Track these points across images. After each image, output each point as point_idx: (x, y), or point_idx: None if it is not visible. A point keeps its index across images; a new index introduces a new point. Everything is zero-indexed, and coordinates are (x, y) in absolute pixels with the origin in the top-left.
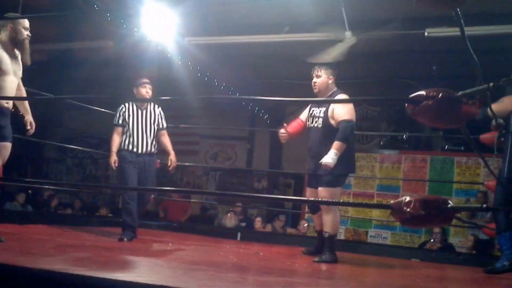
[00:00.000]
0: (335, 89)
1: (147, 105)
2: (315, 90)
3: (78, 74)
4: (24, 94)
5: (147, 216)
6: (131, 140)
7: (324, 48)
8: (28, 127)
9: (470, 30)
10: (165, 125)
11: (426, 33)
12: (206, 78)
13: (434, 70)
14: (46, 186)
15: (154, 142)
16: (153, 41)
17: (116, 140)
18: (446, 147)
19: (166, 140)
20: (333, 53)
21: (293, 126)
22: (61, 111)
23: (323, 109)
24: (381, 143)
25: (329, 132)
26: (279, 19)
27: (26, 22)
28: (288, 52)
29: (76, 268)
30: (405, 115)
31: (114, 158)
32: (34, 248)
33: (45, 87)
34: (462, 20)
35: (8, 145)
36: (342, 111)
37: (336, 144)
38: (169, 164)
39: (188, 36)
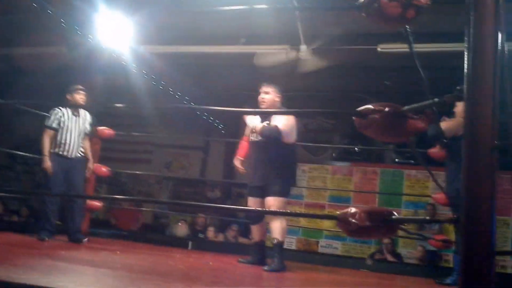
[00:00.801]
0: (280, 106)
1: (80, 112)
2: (263, 106)
3: (29, 80)
4: None
5: (97, 224)
6: (63, 144)
7: (279, 61)
8: None
9: (420, 47)
10: (89, 131)
11: (379, 49)
12: (161, 87)
13: (387, 85)
14: None
15: (80, 148)
16: (108, 48)
17: (47, 143)
18: (396, 160)
19: (87, 146)
20: (278, 58)
21: (242, 150)
22: (10, 117)
23: (266, 123)
24: (334, 155)
25: (272, 145)
26: (236, 30)
27: None
28: (244, 63)
29: (16, 275)
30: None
31: (48, 162)
32: None
33: None
34: (411, 37)
35: None
36: (280, 121)
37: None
38: (87, 171)
39: (144, 44)
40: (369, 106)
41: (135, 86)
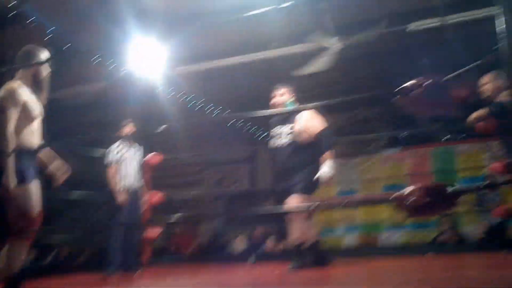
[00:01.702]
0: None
1: (133, 144)
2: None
3: (69, 119)
4: None
5: (158, 253)
6: (124, 177)
7: (311, 58)
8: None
9: (449, 18)
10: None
11: (411, 27)
12: (200, 105)
13: (424, 63)
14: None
15: (140, 178)
16: (142, 76)
17: (115, 178)
18: (446, 138)
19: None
20: (319, 63)
21: None
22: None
23: (289, 126)
24: (382, 143)
25: (298, 147)
26: (265, 36)
27: (47, 56)
28: (278, 67)
29: None
30: (402, 113)
31: (123, 196)
32: None
33: None
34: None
35: (31, 187)
36: (316, 123)
37: (328, 154)
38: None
39: (176, 65)
40: (410, 82)
41: (172, 109)
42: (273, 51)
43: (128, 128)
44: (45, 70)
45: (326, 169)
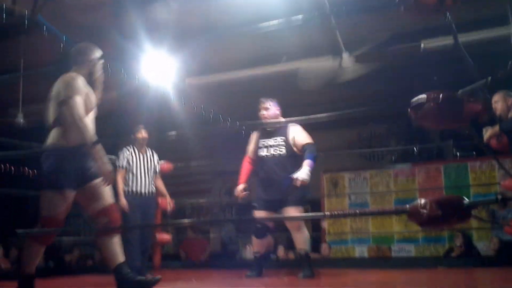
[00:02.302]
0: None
1: (146, 149)
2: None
3: None
4: None
5: (168, 258)
6: (134, 182)
7: (321, 72)
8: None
9: (462, 37)
10: (158, 170)
11: (422, 45)
12: (211, 116)
13: (435, 80)
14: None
15: (152, 184)
16: (154, 86)
17: (121, 182)
18: (458, 154)
19: (160, 184)
20: (330, 78)
21: (245, 173)
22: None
23: (280, 138)
24: (393, 158)
25: (292, 158)
26: (276, 49)
27: (100, 54)
28: (288, 80)
29: None
30: (413, 128)
31: (124, 200)
32: None
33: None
34: (453, 24)
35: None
36: (303, 136)
37: (308, 162)
38: (168, 207)
39: (188, 77)
40: (423, 95)
41: (185, 119)
42: (283, 65)
43: (140, 134)
44: (99, 69)
45: (301, 173)
